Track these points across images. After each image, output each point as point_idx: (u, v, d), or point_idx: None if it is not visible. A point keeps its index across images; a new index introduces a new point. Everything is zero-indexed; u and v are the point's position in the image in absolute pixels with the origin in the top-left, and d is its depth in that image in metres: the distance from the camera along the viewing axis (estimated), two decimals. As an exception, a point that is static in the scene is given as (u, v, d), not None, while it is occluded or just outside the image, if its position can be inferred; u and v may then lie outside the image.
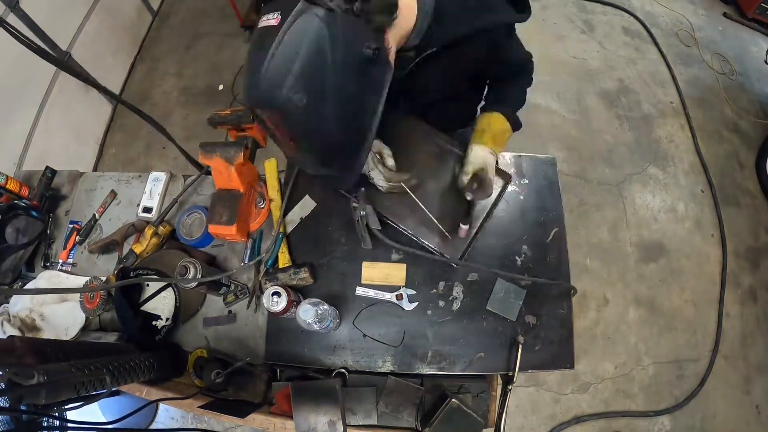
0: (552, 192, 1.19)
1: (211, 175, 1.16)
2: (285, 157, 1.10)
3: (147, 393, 1.03)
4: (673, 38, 3.01)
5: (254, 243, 1.20)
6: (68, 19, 2.43)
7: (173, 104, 2.89)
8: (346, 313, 1.10)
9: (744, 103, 2.80)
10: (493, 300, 1.08)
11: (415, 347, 1.07)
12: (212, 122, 1.14)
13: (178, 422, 1.43)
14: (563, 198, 1.19)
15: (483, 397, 1.05)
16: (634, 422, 2.02)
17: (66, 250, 1.26)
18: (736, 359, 2.15)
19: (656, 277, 2.28)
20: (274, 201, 1.19)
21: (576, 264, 2.24)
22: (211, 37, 3.13)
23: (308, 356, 1.08)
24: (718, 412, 2.05)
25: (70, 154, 2.49)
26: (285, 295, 0.96)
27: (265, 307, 0.96)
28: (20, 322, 1.14)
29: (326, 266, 1.14)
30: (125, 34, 2.97)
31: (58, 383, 0.65)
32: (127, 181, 1.36)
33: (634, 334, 2.16)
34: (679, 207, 2.45)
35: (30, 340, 0.82)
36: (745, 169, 2.59)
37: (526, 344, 1.03)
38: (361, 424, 1.03)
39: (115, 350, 1.01)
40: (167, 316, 1.13)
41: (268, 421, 1.02)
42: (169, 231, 1.23)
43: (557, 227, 1.15)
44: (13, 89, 2.07)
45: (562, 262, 1.12)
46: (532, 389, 2.06)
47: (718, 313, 2.21)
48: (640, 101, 2.75)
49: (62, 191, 1.37)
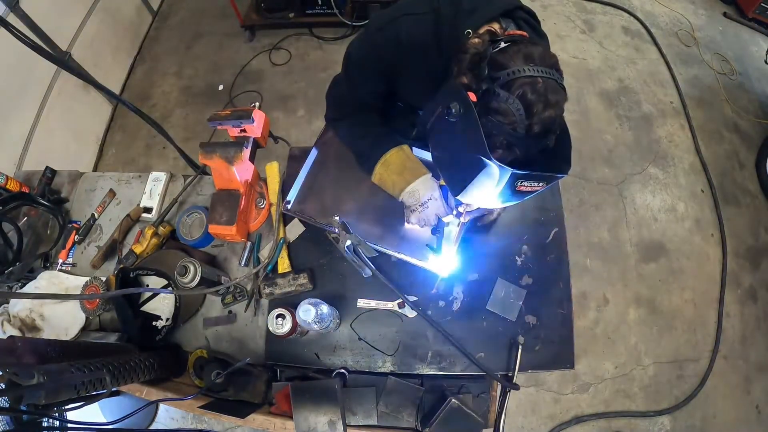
0: (552, 192, 1.18)
1: (211, 174, 1.16)
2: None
3: (147, 393, 1.03)
4: (673, 38, 3.01)
5: (252, 246, 1.20)
6: (68, 19, 2.43)
7: (173, 104, 2.89)
8: (346, 313, 1.10)
9: (744, 103, 2.80)
10: (493, 300, 1.08)
11: (415, 347, 1.07)
12: (212, 122, 1.14)
13: (178, 422, 1.44)
14: (563, 198, 1.19)
15: (483, 397, 1.05)
16: (634, 422, 2.02)
17: (65, 250, 1.26)
18: (736, 359, 2.15)
19: (656, 277, 2.28)
20: (275, 205, 1.19)
21: (576, 264, 2.24)
22: (211, 37, 3.13)
23: (308, 356, 1.08)
24: (718, 412, 2.05)
25: (70, 154, 2.49)
26: (289, 317, 0.96)
27: (271, 331, 0.97)
28: (20, 322, 1.14)
29: (326, 266, 1.14)
30: (125, 34, 2.96)
31: (58, 383, 0.65)
32: (127, 181, 1.36)
33: (634, 334, 2.16)
34: (679, 207, 2.45)
35: (30, 340, 0.82)
36: (745, 169, 2.59)
37: (526, 344, 1.03)
38: (361, 424, 1.03)
39: (115, 350, 1.01)
40: (167, 316, 1.13)
41: (268, 421, 1.03)
42: (169, 231, 1.23)
43: (557, 227, 1.15)
44: (13, 89, 2.06)
45: (562, 262, 1.12)
46: (532, 389, 2.05)
47: (718, 313, 2.21)
48: (640, 101, 2.75)
49: (62, 191, 1.37)
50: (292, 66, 2.96)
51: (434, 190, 0.99)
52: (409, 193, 1.00)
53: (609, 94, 2.77)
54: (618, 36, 3.01)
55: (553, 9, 3.10)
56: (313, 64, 2.95)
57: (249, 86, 2.88)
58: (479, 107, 0.68)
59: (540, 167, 0.69)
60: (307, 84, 2.85)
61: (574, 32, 3.00)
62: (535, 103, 0.65)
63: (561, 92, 0.68)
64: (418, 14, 0.83)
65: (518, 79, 0.65)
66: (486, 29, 0.77)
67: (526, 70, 0.65)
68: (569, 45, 2.93)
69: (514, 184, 0.68)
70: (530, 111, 0.65)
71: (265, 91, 2.86)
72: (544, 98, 0.65)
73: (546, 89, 0.65)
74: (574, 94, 2.74)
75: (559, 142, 0.73)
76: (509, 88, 0.65)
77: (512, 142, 0.68)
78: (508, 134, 0.67)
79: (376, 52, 0.89)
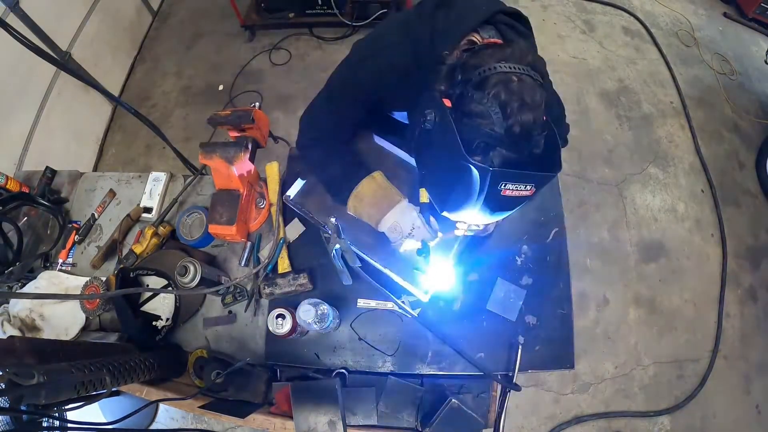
0: (552, 192, 1.18)
1: (210, 175, 1.16)
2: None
3: (147, 393, 1.03)
4: (673, 38, 3.01)
5: (252, 246, 1.20)
6: (68, 19, 2.43)
7: (173, 104, 2.89)
8: (346, 313, 1.10)
9: (744, 103, 2.79)
10: (493, 300, 1.08)
11: (415, 347, 1.07)
12: (212, 122, 1.14)
13: (178, 422, 1.44)
14: (563, 198, 1.19)
15: (483, 397, 1.05)
16: (634, 422, 2.02)
17: (65, 250, 1.26)
18: (736, 359, 2.15)
19: (656, 277, 2.28)
20: (275, 205, 1.19)
21: (576, 264, 2.24)
22: (211, 37, 3.13)
23: (308, 356, 1.08)
24: (718, 412, 2.05)
25: (70, 154, 2.49)
26: (289, 317, 0.96)
27: (271, 331, 0.97)
28: (20, 322, 1.14)
29: (327, 266, 1.14)
30: (125, 34, 2.97)
31: (58, 383, 0.65)
32: (127, 181, 1.36)
33: (634, 334, 2.16)
34: (679, 207, 2.45)
35: (30, 340, 0.82)
36: (745, 169, 2.59)
37: (526, 344, 1.03)
38: (361, 424, 1.03)
39: (115, 350, 1.01)
40: (167, 316, 1.13)
41: (268, 421, 1.03)
42: (169, 231, 1.23)
43: (557, 227, 1.15)
44: (13, 89, 2.07)
45: (562, 262, 1.12)
46: (532, 389, 2.05)
47: (718, 313, 2.21)
48: (640, 101, 2.75)
49: (62, 191, 1.37)
50: (292, 66, 2.96)
51: (414, 219, 0.97)
52: (391, 229, 0.98)
53: (609, 94, 2.77)
54: (618, 36, 3.01)
55: (553, 9, 3.10)
56: (313, 64, 2.95)
57: (249, 86, 2.88)
58: (455, 112, 0.66)
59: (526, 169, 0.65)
60: (307, 84, 2.85)
61: (574, 32, 3.00)
62: (509, 102, 0.62)
63: (538, 90, 0.64)
64: (395, 43, 0.82)
65: (491, 77, 0.63)
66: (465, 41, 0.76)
67: (498, 67, 0.63)
68: (569, 45, 2.92)
69: (497, 188, 0.63)
70: (506, 110, 0.62)
71: (265, 91, 2.86)
72: (519, 96, 0.62)
73: (522, 87, 0.63)
74: (574, 94, 2.74)
75: (546, 146, 0.69)
76: (483, 88, 0.63)
77: (494, 145, 0.64)
78: (488, 137, 0.64)
79: (359, 85, 0.89)
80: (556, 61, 2.82)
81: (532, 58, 0.67)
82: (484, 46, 0.70)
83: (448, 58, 0.72)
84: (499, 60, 0.64)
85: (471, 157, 0.62)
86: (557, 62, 2.82)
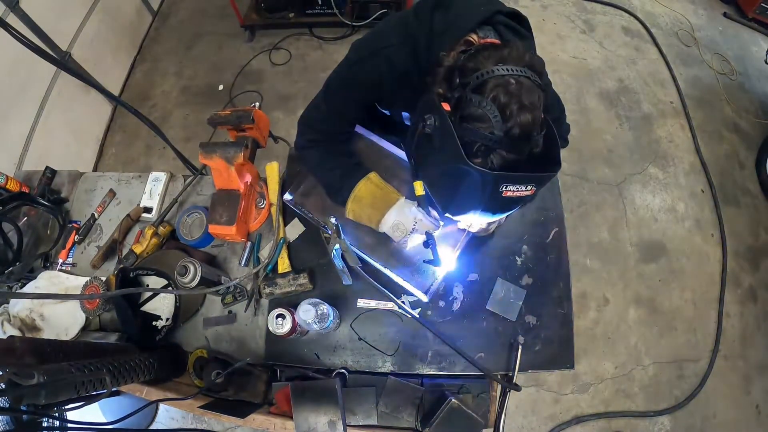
0: (552, 192, 1.18)
1: (210, 175, 1.16)
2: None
3: (147, 393, 1.03)
4: (673, 38, 3.01)
5: (252, 246, 1.20)
6: (68, 19, 2.43)
7: (173, 104, 2.89)
8: (346, 313, 1.10)
9: (744, 103, 2.80)
10: (493, 300, 1.08)
11: (415, 347, 1.07)
12: (212, 122, 1.14)
13: (178, 422, 1.44)
14: (563, 198, 1.19)
15: (483, 397, 1.05)
16: (634, 422, 2.02)
17: (65, 250, 1.26)
18: (736, 359, 2.15)
19: (656, 277, 2.28)
20: (275, 205, 1.19)
21: (576, 264, 2.24)
22: (211, 37, 3.13)
23: (308, 356, 1.08)
24: (718, 412, 2.05)
25: (70, 154, 2.49)
26: (289, 317, 0.96)
27: (271, 331, 0.97)
28: (20, 322, 1.14)
29: (327, 266, 1.14)
30: (125, 34, 2.96)
31: (58, 383, 0.65)
32: (127, 181, 1.36)
33: (634, 334, 2.16)
34: (679, 207, 2.45)
35: (30, 340, 0.82)
36: (745, 169, 2.59)
37: (526, 344, 1.03)
38: (361, 424, 1.03)
39: (115, 350, 1.01)
40: (167, 316, 1.13)
41: (268, 421, 1.03)
42: (169, 231, 1.23)
43: (557, 227, 1.15)
44: (13, 89, 2.07)
45: (562, 262, 1.12)
46: (532, 389, 2.05)
47: (718, 313, 2.21)
48: (640, 101, 2.75)
49: (62, 191, 1.37)
50: (292, 66, 2.96)
51: (415, 213, 0.97)
52: (393, 228, 0.98)
53: (609, 94, 2.77)
54: (618, 36, 3.01)
55: (553, 9, 3.10)
56: (313, 64, 2.95)
57: (249, 86, 2.88)
58: (455, 116, 0.66)
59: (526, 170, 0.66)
60: (307, 84, 2.85)
61: (574, 32, 3.00)
62: (508, 105, 0.62)
63: (537, 91, 0.65)
64: (394, 45, 0.82)
65: (489, 81, 0.63)
66: (462, 42, 0.76)
67: (495, 71, 0.63)
68: (569, 45, 2.93)
69: (498, 190, 0.64)
70: (505, 113, 0.62)
71: (265, 91, 2.86)
72: (518, 98, 0.62)
73: (520, 89, 0.63)
74: (574, 94, 2.74)
75: (544, 144, 0.70)
76: (481, 91, 0.64)
77: (494, 147, 0.65)
78: (488, 139, 0.64)
79: (357, 85, 0.89)
80: (556, 61, 2.82)
81: (529, 58, 0.67)
82: (481, 47, 0.70)
83: (445, 60, 0.72)
84: (496, 62, 0.65)
85: (471, 161, 0.63)
86: (557, 62, 2.82)
